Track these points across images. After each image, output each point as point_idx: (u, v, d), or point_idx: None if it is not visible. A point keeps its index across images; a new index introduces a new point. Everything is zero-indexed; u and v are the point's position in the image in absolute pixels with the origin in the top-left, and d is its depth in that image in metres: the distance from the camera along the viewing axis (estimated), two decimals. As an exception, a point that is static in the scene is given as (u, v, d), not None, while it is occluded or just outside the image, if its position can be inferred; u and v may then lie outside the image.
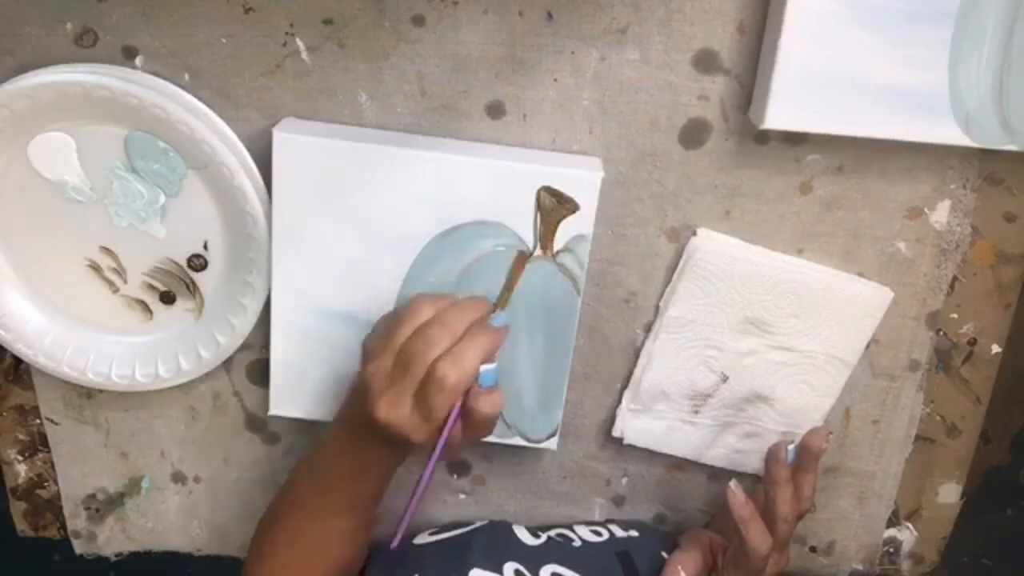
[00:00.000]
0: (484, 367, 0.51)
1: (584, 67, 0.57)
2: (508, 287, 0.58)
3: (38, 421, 0.71)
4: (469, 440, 0.55)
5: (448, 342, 0.51)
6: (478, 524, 0.68)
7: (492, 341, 0.52)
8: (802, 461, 0.59)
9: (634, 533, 0.67)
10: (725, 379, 0.64)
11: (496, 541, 0.64)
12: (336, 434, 0.58)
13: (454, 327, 0.51)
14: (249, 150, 0.58)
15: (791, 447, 0.59)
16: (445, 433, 0.52)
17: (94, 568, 0.80)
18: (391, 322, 0.53)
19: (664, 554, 0.63)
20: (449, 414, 0.51)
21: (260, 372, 0.67)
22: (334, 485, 0.58)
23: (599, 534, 0.66)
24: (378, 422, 0.51)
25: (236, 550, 0.75)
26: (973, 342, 0.66)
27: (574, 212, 0.57)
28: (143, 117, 0.56)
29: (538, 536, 0.65)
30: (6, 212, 0.60)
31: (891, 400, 0.67)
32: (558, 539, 0.65)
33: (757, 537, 0.57)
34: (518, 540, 0.64)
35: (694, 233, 0.61)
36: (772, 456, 0.59)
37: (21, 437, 0.72)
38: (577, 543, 0.65)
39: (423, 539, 0.65)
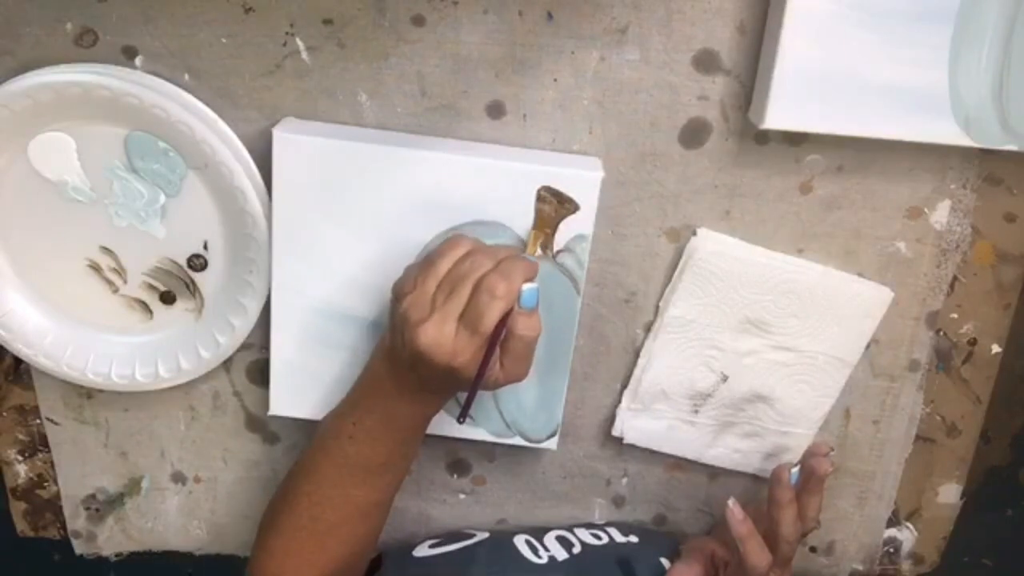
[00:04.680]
0: (527, 286, 0.51)
1: (584, 67, 0.57)
2: (536, 235, 0.58)
3: (38, 421, 0.71)
4: (507, 375, 0.54)
5: (492, 265, 0.51)
6: (479, 537, 0.67)
7: (530, 266, 0.52)
8: (807, 485, 0.59)
9: (634, 539, 0.66)
10: (725, 379, 0.64)
11: (498, 557, 0.63)
12: (361, 390, 0.57)
13: (495, 254, 0.52)
14: (249, 150, 0.58)
15: (794, 470, 0.59)
16: (493, 347, 0.52)
17: (94, 568, 0.80)
18: (425, 260, 0.53)
19: (664, 561, 0.63)
20: (494, 331, 0.51)
21: (260, 372, 0.67)
22: (355, 448, 0.57)
23: (599, 538, 0.66)
24: (420, 351, 0.50)
25: (236, 550, 0.75)
26: (973, 342, 0.66)
27: (574, 212, 0.57)
28: (143, 117, 0.56)
29: (538, 552, 0.64)
30: (6, 212, 0.60)
31: (891, 400, 0.67)
32: (558, 551, 0.64)
33: (756, 555, 0.56)
34: (519, 554, 0.63)
35: (694, 233, 0.61)
36: (775, 479, 0.59)
37: (21, 437, 0.72)
38: (577, 548, 0.64)
39: (423, 551, 0.65)
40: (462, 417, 0.55)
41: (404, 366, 0.53)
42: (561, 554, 0.64)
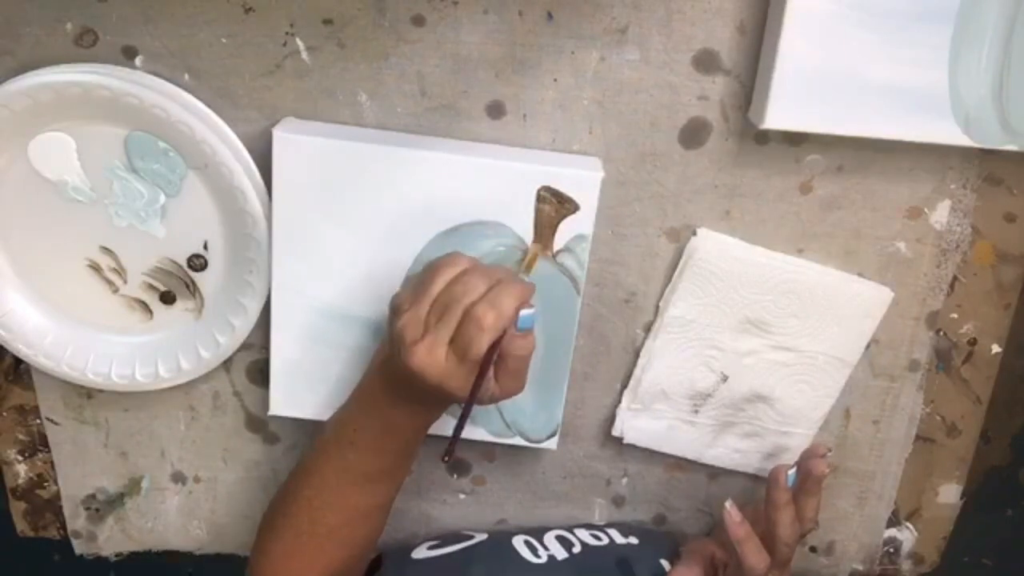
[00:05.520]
0: (524, 311, 0.51)
1: (584, 67, 0.57)
2: (533, 253, 0.58)
3: (38, 421, 0.71)
4: (503, 391, 0.54)
5: (485, 288, 0.51)
6: (477, 539, 0.67)
7: (525, 290, 0.52)
8: (805, 486, 0.59)
9: (634, 540, 0.66)
10: (725, 379, 0.64)
11: (496, 558, 0.63)
12: (361, 398, 0.57)
13: (490, 275, 0.52)
14: (249, 150, 0.58)
15: (791, 471, 0.59)
16: (484, 373, 0.51)
17: (94, 568, 0.80)
18: (423, 276, 0.53)
19: (664, 563, 0.63)
20: (485, 356, 0.51)
21: (260, 372, 0.67)
22: (356, 454, 0.57)
23: (599, 538, 0.66)
24: (412, 371, 0.50)
25: (236, 550, 0.75)
26: (973, 342, 0.66)
27: (574, 212, 0.57)
28: (143, 117, 0.56)
29: (537, 552, 0.64)
30: (6, 212, 0.60)
31: (891, 400, 0.67)
32: (558, 551, 0.64)
33: (753, 557, 0.56)
34: (518, 555, 0.63)
35: (694, 233, 0.61)
36: (772, 480, 0.59)
37: (21, 437, 0.72)
38: (577, 547, 0.64)
39: (421, 553, 0.65)
40: (447, 456, 0.53)
41: (400, 379, 0.53)
42: (561, 553, 0.64)
